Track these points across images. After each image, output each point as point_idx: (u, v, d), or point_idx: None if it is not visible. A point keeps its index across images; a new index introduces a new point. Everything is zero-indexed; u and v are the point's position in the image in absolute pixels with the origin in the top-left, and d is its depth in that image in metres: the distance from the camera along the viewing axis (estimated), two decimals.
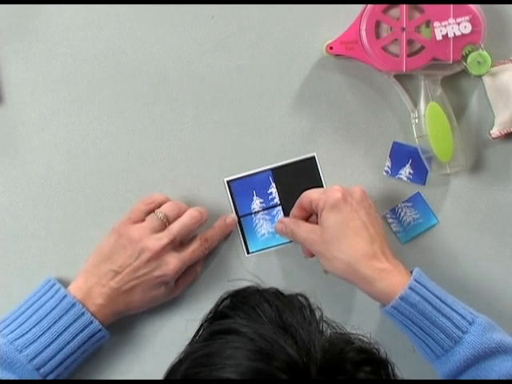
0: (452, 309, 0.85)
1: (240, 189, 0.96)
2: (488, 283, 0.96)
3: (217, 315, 0.75)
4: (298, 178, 0.96)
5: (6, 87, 0.95)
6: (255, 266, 0.96)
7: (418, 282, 0.85)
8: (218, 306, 0.76)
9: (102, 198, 0.96)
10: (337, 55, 0.94)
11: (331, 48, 0.93)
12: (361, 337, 0.71)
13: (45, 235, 0.95)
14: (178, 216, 0.92)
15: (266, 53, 0.95)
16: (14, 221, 0.95)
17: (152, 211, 0.92)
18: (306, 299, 0.75)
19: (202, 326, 0.76)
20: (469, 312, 0.85)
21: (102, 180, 0.96)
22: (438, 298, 0.85)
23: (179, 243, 0.91)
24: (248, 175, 0.96)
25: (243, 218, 0.96)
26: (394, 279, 0.86)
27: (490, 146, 0.96)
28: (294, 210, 0.93)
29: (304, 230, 0.91)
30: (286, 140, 0.96)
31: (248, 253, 0.96)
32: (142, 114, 0.96)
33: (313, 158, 0.96)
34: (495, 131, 0.94)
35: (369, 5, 0.91)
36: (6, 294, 0.93)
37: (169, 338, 0.95)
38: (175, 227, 0.90)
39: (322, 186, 0.96)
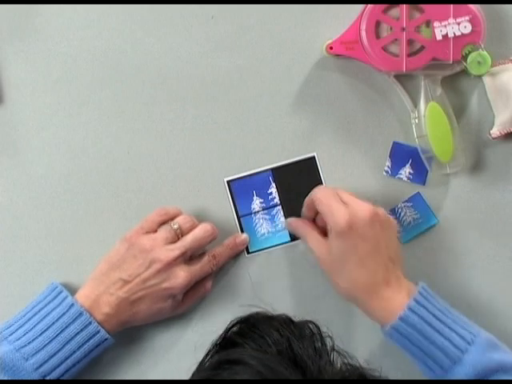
0: (452, 329, 0.84)
1: (240, 189, 0.96)
2: (488, 283, 0.96)
3: (225, 341, 0.74)
4: (298, 178, 0.96)
5: (5, 87, 0.95)
6: (255, 266, 0.96)
7: (417, 303, 0.85)
8: (227, 331, 0.74)
9: (101, 198, 0.96)
10: (337, 55, 0.94)
11: (331, 48, 0.93)
12: (370, 371, 0.71)
13: (45, 235, 0.95)
14: (191, 229, 0.91)
15: (266, 53, 0.95)
16: (14, 221, 0.95)
17: (165, 223, 0.91)
18: (317, 327, 0.73)
19: (210, 351, 0.74)
20: (469, 332, 0.84)
21: (102, 180, 0.96)
22: (437, 319, 0.84)
23: (189, 257, 0.91)
24: (248, 175, 0.96)
25: (243, 217, 0.96)
26: (395, 302, 0.85)
27: (490, 146, 0.96)
28: (305, 210, 0.93)
29: (315, 241, 0.90)
30: (285, 140, 0.96)
31: (248, 253, 0.96)
32: (142, 114, 0.96)
33: (313, 158, 0.96)
34: (495, 131, 0.94)
35: (369, 5, 0.91)
36: (5, 294, 0.93)
37: (172, 342, 0.95)
38: (188, 240, 0.90)
39: None
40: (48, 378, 0.85)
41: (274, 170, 0.96)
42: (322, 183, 0.96)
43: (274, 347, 0.70)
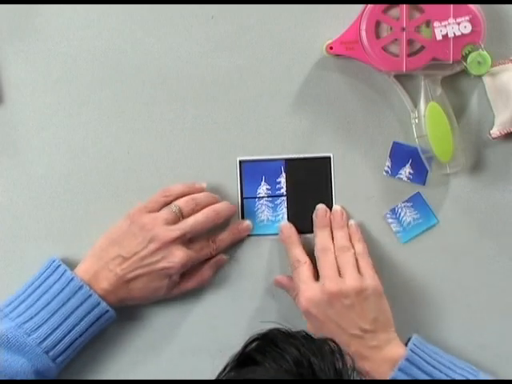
0: None
1: (250, 171, 0.96)
2: (488, 283, 0.96)
3: (244, 357, 0.72)
4: (309, 174, 0.96)
5: (6, 87, 0.95)
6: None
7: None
8: (245, 347, 0.72)
9: (101, 198, 0.96)
10: (337, 55, 0.94)
11: (331, 48, 0.93)
12: None
13: (45, 235, 0.96)
14: (194, 211, 0.91)
15: (266, 53, 0.95)
16: (14, 221, 0.96)
17: (169, 203, 0.92)
18: (337, 345, 0.72)
19: (227, 365, 0.72)
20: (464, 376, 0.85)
21: (102, 180, 0.96)
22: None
23: (188, 239, 0.91)
24: (261, 160, 0.96)
25: (246, 200, 0.96)
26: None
27: (490, 146, 0.96)
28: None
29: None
30: (286, 140, 0.96)
31: None
32: (142, 114, 0.96)
33: (328, 159, 0.96)
34: (495, 131, 0.94)
35: (369, 5, 0.91)
36: (5, 294, 0.93)
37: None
38: (188, 223, 0.90)
39: (331, 189, 0.96)
40: (52, 352, 0.86)
41: (287, 160, 0.96)
42: (331, 185, 0.96)
43: (295, 368, 0.68)
